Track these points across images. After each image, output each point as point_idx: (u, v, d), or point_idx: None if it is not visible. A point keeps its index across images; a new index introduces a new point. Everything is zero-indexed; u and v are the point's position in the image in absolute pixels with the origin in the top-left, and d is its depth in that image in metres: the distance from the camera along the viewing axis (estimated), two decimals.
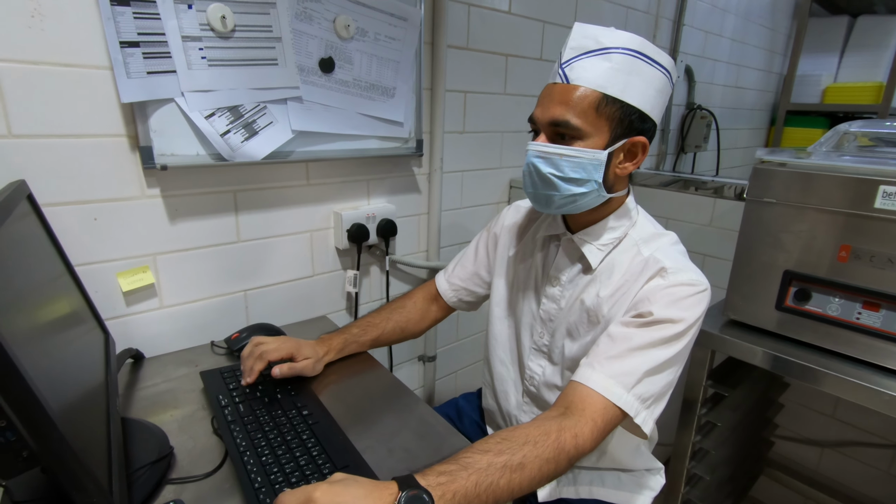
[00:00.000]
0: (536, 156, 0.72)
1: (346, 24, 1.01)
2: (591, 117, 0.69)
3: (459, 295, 1.00)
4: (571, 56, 0.70)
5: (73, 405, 0.50)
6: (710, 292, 0.72)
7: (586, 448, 0.64)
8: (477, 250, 0.99)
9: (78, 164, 0.81)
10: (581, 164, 0.70)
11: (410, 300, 1.01)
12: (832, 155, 1.02)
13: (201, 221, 0.97)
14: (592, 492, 0.88)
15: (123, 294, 0.90)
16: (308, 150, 1.03)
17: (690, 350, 0.72)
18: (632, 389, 0.66)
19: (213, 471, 0.66)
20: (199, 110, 0.88)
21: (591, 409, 0.65)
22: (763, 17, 2.54)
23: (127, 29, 0.78)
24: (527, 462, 0.59)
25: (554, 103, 0.70)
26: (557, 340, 0.83)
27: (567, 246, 0.82)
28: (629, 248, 0.77)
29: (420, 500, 0.52)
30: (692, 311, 0.69)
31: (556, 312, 0.83)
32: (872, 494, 1.53)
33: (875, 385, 0.88)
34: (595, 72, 0.69)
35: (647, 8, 1.80)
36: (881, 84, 2.33)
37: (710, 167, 2.36)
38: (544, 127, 0.72)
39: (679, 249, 0.78)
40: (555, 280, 0.83)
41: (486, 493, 0.56)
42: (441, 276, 1.03)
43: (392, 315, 0.98)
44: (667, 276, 0.71)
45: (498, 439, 0.61)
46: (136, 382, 0.87)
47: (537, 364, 0.87)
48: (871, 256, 0.90)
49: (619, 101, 0.69)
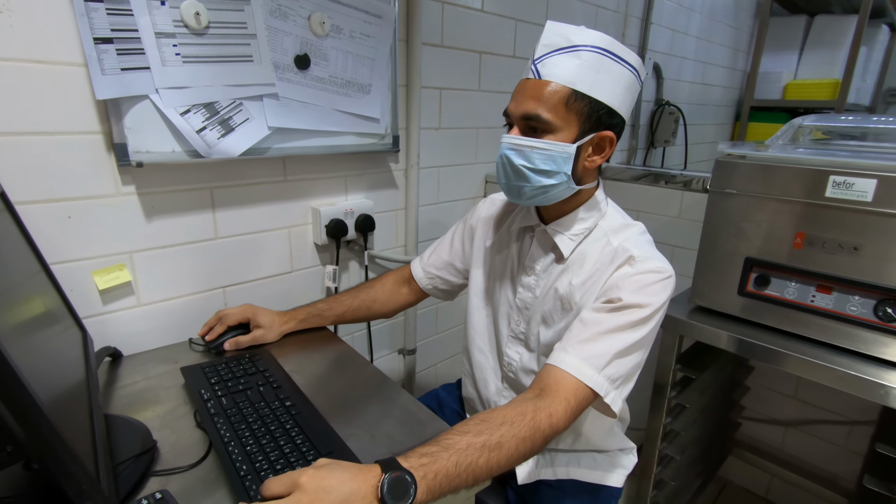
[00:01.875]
0: (509, 148, 0.75)
1: (322, 22, 1.02)
2: (562, 112, 0.72)
3: (434, 283, 1.03)
4: (543, 53, 0.73)
5: (58, 398, 0.50)
6: (674, 279, 0.76)
7: (560, 426, 0.67)
8: (453, 241, 1.02)
9: (51, 162, 0.80)
10: (551, 157, 0.74)
11: (380, 281, 1.06)
12: (788, 147, 1.08)
13: (178, 218, 0.97)
14: (569, 472, 0.92)
15: (100, 292, 0.90)
16: (285, 146, 1.04)
17: (657, 333, 0.76)
18: (602, 371, 0.70)
19: (197, 462, 0.67)
20: (174, 107, 0.88)
21: (565, 389, 0.69)
22: (727, 16, 2.63)
23: (100, 25, 0.77)
24: (504, 441, 0.62)
25: (526, 98, 0.73)
26: (533, 328, 0.86)
27: (541, 237, 0.85)
28: (599, 238, 0.81)
29: (403, 482, 0.55)
30: (658, 296, 0.73)
31: (532, 301, 0.86)
32: (833, 470, 1.62)
33: (829, 363, 0.94)
34: (565, 68, 0.72)
35: (616, 6, 1.85)
36: (837, 81, 2.44)
37: (678, 161, 2.44)
38: (517, 120, 0.75)
39: (646, 239, 0.82)
40: (529, 270, 0.86)
41: (466, 472, 0.59)
42: (416, 261, 1.06)
43: (359, 293, 1.03)
44: (635, 264, 0.75)
45: (476, 421, 0.64)
46: (115, 381, 0.87)
47: (515, 351, 0.90)
48: (823, 243, 0.96)
49: (587, 96, 0.72)
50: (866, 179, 0.88)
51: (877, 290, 0.91)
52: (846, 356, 0.96)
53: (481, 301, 0.96)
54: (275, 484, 0.53)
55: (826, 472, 1.64)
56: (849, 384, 0.92)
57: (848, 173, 0.90)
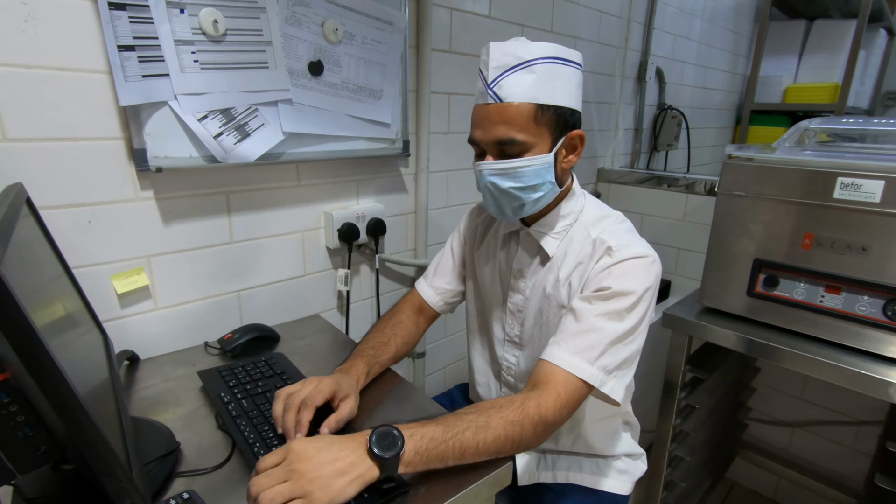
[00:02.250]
0: (492, 174, 0.76)
1: (335, 29, 1.03)
2: (532, 128, 0.73)
3: (445, 298, 1.00)
4: (497, 75, 0.72)
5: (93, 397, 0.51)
6: (657, 261, 0.76)
7: (549, 416, 0.67)
8: (453, 251, 1.01)
9: (73, 168, 0.81)
10: (535, 172, 0.75)
11: (403, 313, 0.98)
12: (795, 150, 1.10)
13: (195, 223, 0.98)
14: (570, 477, 0.92)
15: (118, 296, 0.91)
16: (299, 151, 1.05)
17: (650, 316, 0.76)
18: (595, 362, 0.71)
19: (221, 463, 0.68)
20: (192, 113, 0.89)
21: (554, 382, 0.70)
22: (727, 20, 2.66)
23: (123, 33, 0.79)
24: (492, 420, 0.65)
25: (493, 124, 0.74)
26: (527, 330, 0.88)
27: (525, 239, 0.87)
28: (580, 231, 0.82)
29: (390, 435, 0.59)
30: (642, 280, 0.73)
31: (523, 303, 0.87)
32: (840, 470, 1.63)
33: (838, 362, 0.95)
34: (523, 86, 0.72)
35: (620, 12, 1.87)
36: (837, 84, 2.46)
37: (681, 165, 2.45)
38: (489, 147, 0.76)
39: (624, 227, 0.82)
40: (518, 273, 0.88)
41: (452, 440, 0.62)
42: (422, 284, 1.01)
43: (397, 331, 0.94)
44: (613, 253, 0.75)
45: (468, 407, 0.68)
46: (135, 383, 0.87)
47: (511, 355, 0.92)
48: (831, 243, 0.97)
49: (551, 106, 0.73)
50: (874, 181, 0.90)
51: (886, 289, 0.92)
52: (856, 356, 0.97)
53: (476, 308, 0.97)
54: (269, 456, 0.57)
55: (833, 473, 1.65)
56: (859, 383, 0.93)
57: (856, 175, 0.92)
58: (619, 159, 2.10)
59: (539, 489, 0.92)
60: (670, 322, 1.17)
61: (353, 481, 0.56)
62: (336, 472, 0.55)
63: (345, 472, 0.56)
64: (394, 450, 0.58)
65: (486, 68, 0.74)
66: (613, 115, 2.02)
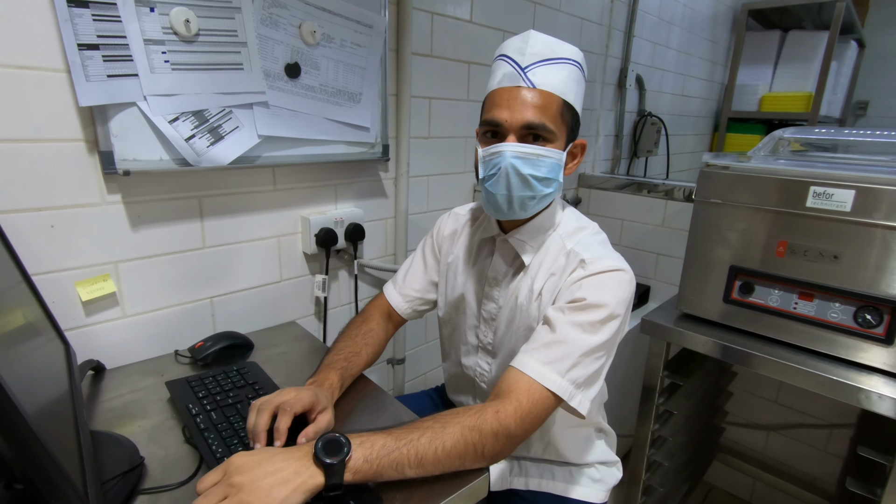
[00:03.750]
0: (515, 156, 0.73)
1: (312, 31, 1.02)
2: (558, 121, 0.74)
3: (413, 305, 0.98)
4: (533, 62, 0.73)
5: (44, 414, 0.49)
6: (630, 275, 0.75)
7: (509, 424, 0.65)
8: (425, 258, 0.99)
9: (34, 170, 0.78)
10: (552, 165, 0.75)
11: (373, 321, 0.95)
12: (769, 159, 1.11)
13: (165, 228, 0.95)
14: (542, 485, 0.90)
15: (83, 303, 0.87)
16: (275, 154, 1.03)
17: (623, 331, 0.75)
18: (566, 374, 0.69)
19: (187, 479, 0.65)
20: (162, 115, 0.87)
21: (517, 391, 0.68)
22: (705, 30, 2.71)
23: (86, 31, 0.76)
24: (448, 426, 0.63)
25: (527, 106, 0.73)
26: (500, 338, 0.87)
27: (502, 247, 0.86)
28: (555, 242, 0.81)
29: (336, 442, 0.58)
30: (615, 293, 0.72)
31: (497, 311, 0.86)
32: (813, 472, 1.66)
33: (811, 368, 0.97)
34: (557, 78, 0.74)
35: (600, 19, 1.89)
36: (810, 94, 2.53)
37: (660, 171, 2.49)
38: (515, 129, 0.73)
39: (598, 239, 0.81)
40: (493, 281, 0.87)
41: (406, 447, 0.60)
42: (391, 289, 0.99)
43: (368, 340, 0.91)
44: (586, 266, 0.74)
45: (426, 417, 0.66)
46: (99, 394, 0.84)
47: (485, 362, 0.91)
48: (804, 251, 0.99)
49: (572, 107, 0.76)
50: (845, 190, 0.92)
51: (856, 297, 0.94)
52: (828, 362, 0.98)
53: (449, 315, 0.95)
54: (209, 475, 0.56)
55: (806, 475, 1.68)
56: (831, 389, 0.94)
57: (828, 184, 0.93)
58: (599, 165, 2.12)
59: (511, 497, 0.91)
60: (649, 328, 1.18)
61: (296, 489, 0.53)
62: (278, 481, 0.53)
63: (287, 480, 0.54)
64: (339, 455, 0.56)
65: (519, 54, 0.74)
66: (594, 122, 2.03)
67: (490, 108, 0.77)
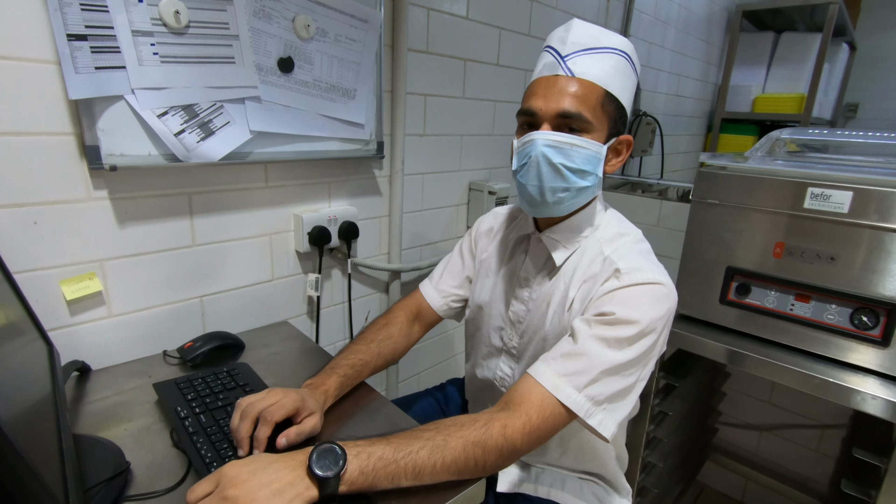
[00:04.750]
0: (547, 144, 0.70)
1: (306, 24, 0.99)
2: (598, 112, 0.71)
3: (448, 301, 0.96)
4: (574, 50, 0.71)
5: (23, 420, 0.46)
6: (671, 290, 0.70)
7: (516, 441, 0.63)
8: (463, 255, 0.98)
9: (17, 164, 0.75)
10: (588, 157, 0.71)
11: (395, 325, 0.92)
12: (766, 159, 1.11)
13: (153, 225, 0.92)
14: (551, 493, 0.88)
15: (67, 302, 0.85)
16: (267, 151, 1.01)
17: (659, 348, 0.71)
18: (584, 390, 0.65)
19: (175, 485, 0.63)
20: (150, 108, 0.84)
21: (528, 403, 0.65)
22: (700, 30, 2.71)
23: (74, 21, 0.73)
24: (451, 439, 0.61)
25: (564, 95, 0.70)
26: (525, 342, 0.84)
27: (535, 246, 0.83)
28: (593, 247, 0.77)
29: (332, 452, 0.55)
30: (649, 310, 0.67)
31: (525, 314, 0.84)
32: (805, 472, 1.66)
33: (807, 370, 0.97)
34: (599, 68, 0.71)
35: (596, 19, 1.88)
36: (803, 95, 2.54)
37: (655, 171, 2.49)
38: (550, 118, 0.71)
39: (639, 248, 0.77)
40: (524, 282, 0.84)
41: (404, 460, 0.58)
42: (427, 285, 0.97)
43: (382, 349, 0.88)
44: (621, 277, 0.70)
45: (428, 425, 0.63)
46: (84, 396, 0.82)
47: (507, 366, 0.88)
48: (801, 252, 0.98)
49: (616, 99, 0.72)
50: (843, 191, 0.91)
51: (853, 298, 0.94)
52: (824, 363, 0.98)
53: (475, 314, 0.93)
54: (200, 484, 0.53)
55: (799, 475, 1.68)
56: (826, 391, 0.94)
57: (825, 185, 0.93)
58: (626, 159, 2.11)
59: (518, 499, 0.90)
60: None
61: (291, 500, 0.52)
62: (272, 493, 0.52)
63: (282, 491, 0.52)
64: (334, 469, 0.54)
65: (561, 43, 0.72)
66: None
67: (527, 98, 0.74)
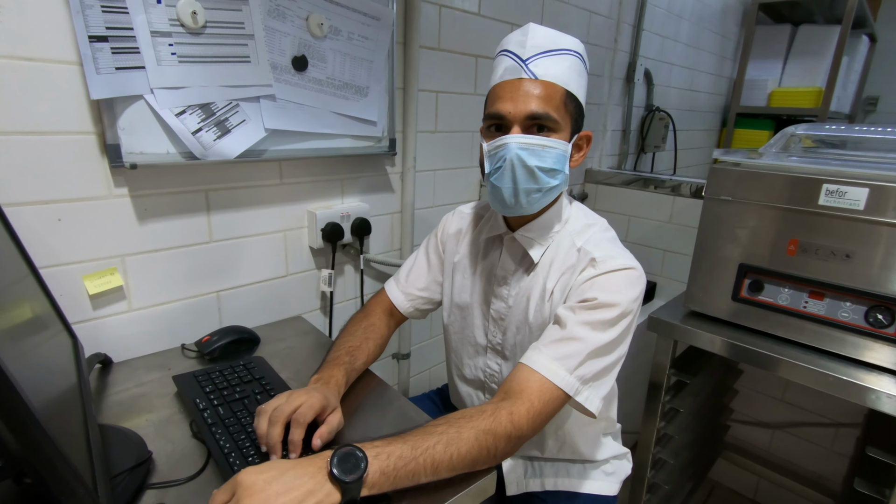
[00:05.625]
0: (520, 147, 0.72)
1: (320, 23, 1.01)
2: (562, 111, 0.74)
3: (416, 304, 0.97)
4: (535, 53, 0.73)
5: (53, 410, 0.48)
6: (641, 273, 0.75)
7: (522, 426, 0.65)
8: (429, 257, 0.98)
9: (42, 163, 0.78)
10: (558, 156, 0.74)
11: (375, 315, 0.95)
12: (781, 155, 1.10)
13: (172, 221, 0.94)
14: (558, 483, 0.91)
15: (90, 297, 0.87)
16: (281, 148, 1.03)
17: (634, 327, 0.75)
18: (574, 371, 0.69)
19: (195, 474, 0.65)
20: (169, 108, 0.86)
21: (529, 390, 0.68)
22: (714, 23, 2.68)
23: (95, 23, 0.75)
24: (463, 431, 0.62)
25: (529, 97, 0.72)
26: (509, 337, 0.86)
27: (510, 245, 0.85)
28: (565, 240, 0.81)
29: (353, 456, 0.55)
30: (625, 293, 0.72)
31: (506, 311, 0.86)
32: (818, 471, 1.65)
33: (821, 368, 0.96)
34: (559, 69, 0.73)
35: (609, 13, 1.87)
36: (820, 89, 2.49)
37: (668, 166, 2.47)
38: (520, 121, 0.73)
39: (608, 237, 0.81)
40: (502, 280, 0.86)
41: (422, 457, 0.59)
42: (392, 287, 0.98)
43: (369, 334, 0.91)
44: (597, 265, 0.74)
45: (437, 420, 0.65)
46: (106, 388, 0.84)
47: (494, 362, 0.90)
48: (816, 249, 0.97)
49: (575, 97, 0.76)
50: (859, 188, 0.90)
51: (868, 296, 0.93)
52: (838, 361, 0.97)
53: (456, 316, 0.94)
54: (217, 494, 0.53)
55: (812, 474, 1.67)
56: (840, 389, 0.93)
57: (841, 182, 0.92)
58: (606, 160, 2.10)
59: (528, 499, 0.91)
60: (655, 326, 1.17)
61: None
62: (291, 501, 0.51)
63: (302, 500, 0.51)
64: (356, 472, 0.54)
65: (520, 47, 0.74)
66: (602, 116, 2.02)
67: (493, 102, 0.76)
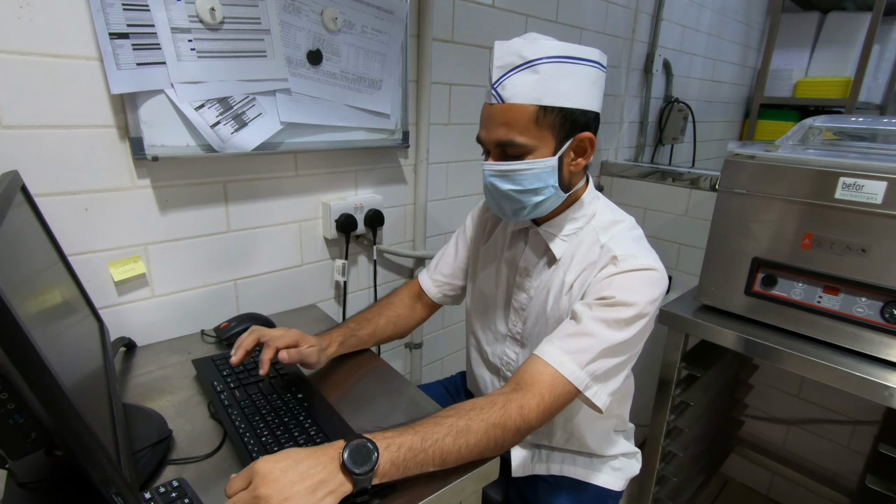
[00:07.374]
0: (493, 175, 0.75)
1: (334, 17, 1.02)
2: (533, 131, 0.71)
3: (443, 290, 1.01)
4: (500, 75, 0.71)
5: (81, 388, 0.52)
6: (662, 275, 0.75)
7: (532, 419, 0.67)
8: (457, 245, 1.01)
9: (69, 155, 0.82)
10: (536, 175, 0.74)
11: (397, 296, 1.02)
12: (798, 148, 1.08)
13: (192, 212, 0.98)
14: (563, 469, 0.93)
15: (115, 283, 0.91)
16: (297, 141, 1.05)
17: (650, 329, 0.75)
18: (585, 367, 0.70)
19: (212, 452, 0.69)
20: (188, 101, 0.89)
21: (540, 384, 0.69)
22: (738, 12, 2.61)
23: (116, 20, 0.78)
24: (473, 423, 0.64)
25: (495, 125, 0.73)
26: (529, 328, 0.87)
27: (534, 238, 0.86)
28: (589, 236, 0.81)
29: (365, 448, 0.57)
30: (644, 293, 0.72)
31: (527, 302, 0.87)
32: (834, 468, 1.63)
33: (835, 364, 0.95)
34: (525, 86, 0.70)
35: (627, 3, 1.84)
36: (849, 79, 2.41)
37: (686, 159, 2.43)
38: (492, 147, 0.75)
39: (633, 235, 0.80)
40: (524, 271, 0.87)
41: (432, 448, 0.61)
42: (424, 273, 1.04)
43: (383, 310, 0.97)
44: (618, 263, 0.74)
45: (448, 410, 0.66)
46: (130, 370, 0.89)
47: (512, 351, 0.92)
48: (831, 244, 0.96)
49: (556, 108, 0.71)
50: (876, 182, 0.89)
51: (884, 291, 0.91)
52: (852, 357, 0.96)
53: (479, 303, 0.96)
54: (235, 481, 0.54)
55: (827, 471, 1.65)
56: (855, 385, 0.92)
57: (858, 175, 0.90)
58: (622, 152, 2.08)
59: (533, 480, 0.93)
60: (667, 319, 1.17)
61: (324, 497, 0.53)
62: (305, 490, 0.53)
63: (315, 489, 0.53)
64: (368, 464, 0.56)
65: (492, 67, 0.72)
66: (618, 108, 1.99)
67: (480, 125, 0.78)
